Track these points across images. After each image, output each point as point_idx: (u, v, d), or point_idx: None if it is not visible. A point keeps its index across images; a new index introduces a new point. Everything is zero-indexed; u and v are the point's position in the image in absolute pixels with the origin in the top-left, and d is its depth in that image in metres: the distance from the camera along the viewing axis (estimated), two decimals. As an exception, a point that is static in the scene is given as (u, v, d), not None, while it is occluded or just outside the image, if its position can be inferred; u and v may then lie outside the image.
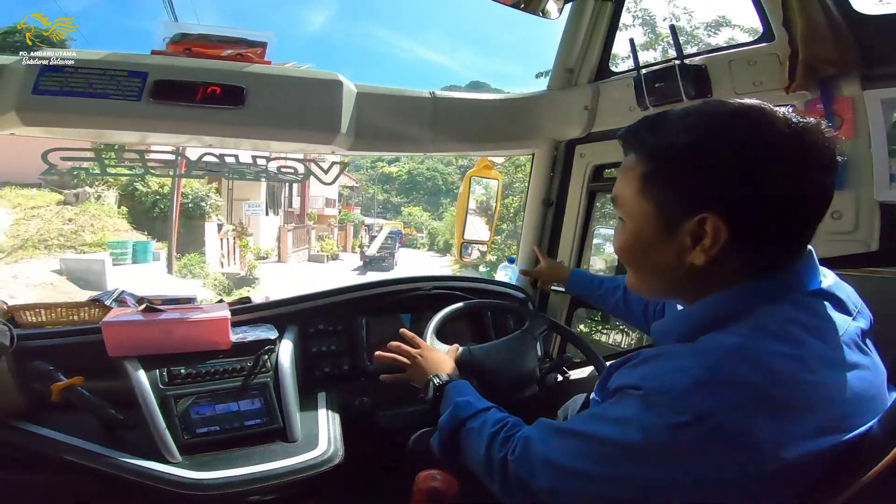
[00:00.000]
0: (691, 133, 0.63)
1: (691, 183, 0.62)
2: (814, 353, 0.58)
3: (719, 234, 0.61)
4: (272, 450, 1.26)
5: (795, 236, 0.64)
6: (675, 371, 0.59)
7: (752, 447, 0.53)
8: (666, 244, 0.66)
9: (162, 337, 1.30)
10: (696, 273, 0.65)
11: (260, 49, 1.47)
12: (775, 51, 1.40)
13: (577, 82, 1.80)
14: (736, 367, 0.56)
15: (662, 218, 0.65)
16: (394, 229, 27.26)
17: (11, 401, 1.14)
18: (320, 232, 25.71)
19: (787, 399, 0.55)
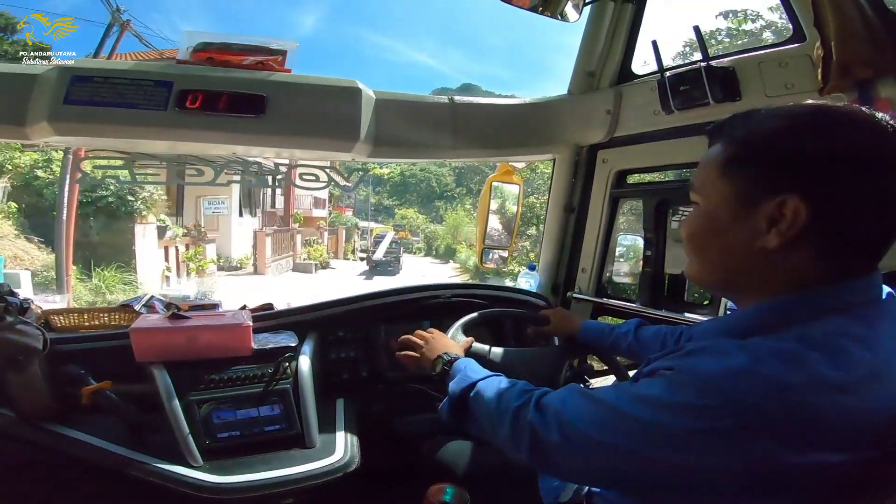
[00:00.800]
0: (785, 120, 0.63)
1: (777, 164, 0.61)
2: (861, 366, 0.56)
3: (798, 217, 0.59)
4: (290, 455, 1.28)
5: (873, 243, 0.62)
6: (712, 358, 0.59)
7: (772, 445, 0.53)
8: (740, 225, 0.64)
9: (187, 343, 1.34)
10: (764, 262, 0.64)
11: (280, 57, 1.49)
12: (807, 52, 1.34)
13: (599, 86, 1.77)
14: (777, 367, 0.55)
15: (741, 198, 0.64)
16: (389, 234, 26.67)
17: (43, 403, 1.20)
18: (308, 236, 22.86)
19: (823, 407, 0.54)
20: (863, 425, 0.55)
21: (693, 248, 0.73)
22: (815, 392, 0.54)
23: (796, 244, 0.61)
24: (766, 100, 1.42)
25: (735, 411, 0.54)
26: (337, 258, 25.56)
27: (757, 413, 0.54)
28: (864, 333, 0.59)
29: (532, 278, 2.03)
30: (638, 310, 1.79)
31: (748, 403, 0.54)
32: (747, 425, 0.54)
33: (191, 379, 1.31)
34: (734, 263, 0.68)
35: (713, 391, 0.56)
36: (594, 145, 1.84)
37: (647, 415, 0.59)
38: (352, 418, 1.47)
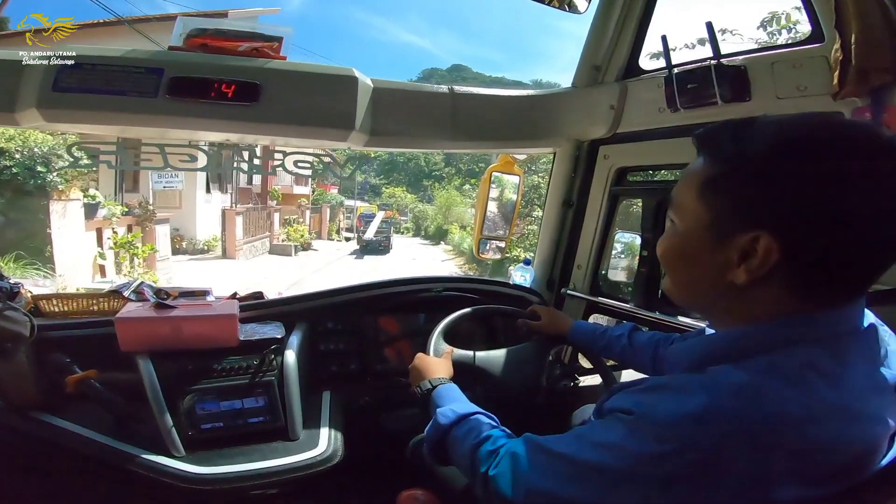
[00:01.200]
0: (769, 142, 0.57)
1: (754, 196, 0.57)
2: (824, 402, 0.54)
3: (769, 257, 0.56)
4: (273, 448, 1.30)
5: (854, 282, 0.59)
6: (671, 401, 0.57)
7: (735, 484, 0.52)
8: (711, 255, 0.61)
9: (172, 334, 1.34)
10: (733, 293, 0.61)
11: (276, 44, 1.46)
12: (823, 54, 1.28)
13: (604, 80, 1.71)
14: (735, 404, 0.54)
15: (715, 227, 0.61)
16: (379, 213, 26.30)
17: (29, 391, 1.21)
18: (288, 215, 20.99)
19: (781, 442, 0.52)
20: (822, 461, 0.54)
21: (666, 266, 0.71)
22: (773, 428, 0.53)
23: (766, 281, 0.58)
24: (777, 102, 1.37)
25: (694, 458, 0.53)
26: (321, 238, 23.89)
27: (715, 457, 0.53)
28: (832, 369, 0.57)
29: (527, 273, 2.00)
30: (631, 310, 1.77)
31: (706, 449, 0.53)
32: (708, 470, 0.53)
33: (176, 370, 1.31)
34: (703, 290, 0.66)
35: (671, 437, 0.54)
36: (596, 140, 1.79)
37: (609, 461, 0.59)
38: (338, 412, 1.48)
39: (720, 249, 0.60)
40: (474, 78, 74.26)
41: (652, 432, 0.56)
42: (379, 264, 17.53)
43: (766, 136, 0.58)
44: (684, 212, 0.65)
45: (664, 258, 0.71)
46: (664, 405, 0.57)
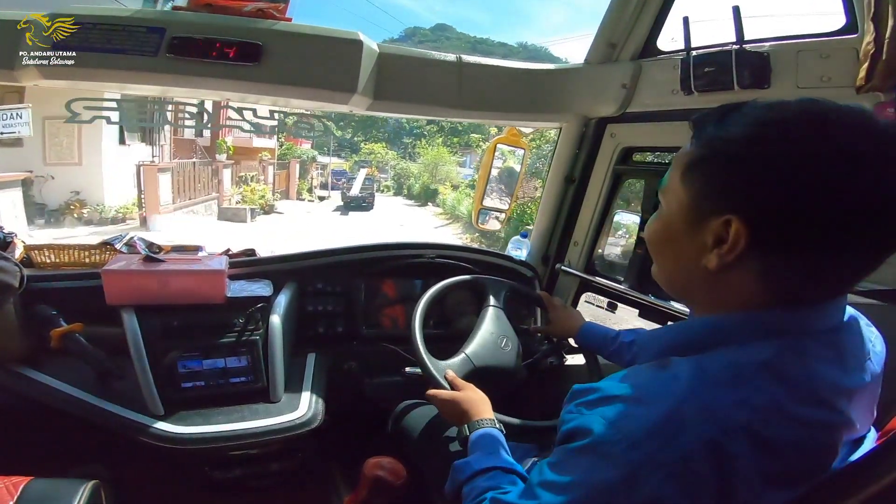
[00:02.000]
0: (751, 127, 0.56)
1: (728, 179, 0.57)
2: (777, 406, 0.54)
3: (738, 242, 0.56)
4: (253, 409, 1.32)
5: (826, 280, 0.57)
6: (628, 416, 0.56)
7: (713, 492, 0.52)
8: (690, 239, 0.61)
9: (158, 288, 1.35)
10: (708, 280, 0.61)
11: (282, 5, 1.41)
12: (854, 45, 1.21)
13: (619, 58, 1.63)
14: (690, 411, 0.53)
15: (693, 210, 0.60)
16: (362, 171, 26.11)
17: (14, 345, 1.23)
18: (246, 171, 17.76)
19: (739, 449, 0.52)
20: (778, 464, 0.54)
21: (651, 250, 0.71)
22: (730, 437, 0.52)
23: (737, 268, 0.58)
24: (797, 91, 1.30)
25: (666, 474, 0.52)
26: (288, 198, 21.13)
27: (684, 468, 0.52)
28: (790, 369, 0.56)
29: (523, 245, 1.98)
30: (624, 292, 1.75)
31: (673, 462, 0.52)
32: (684, 483, 0.52)
33: (160, 325, 1.32)
34: (684, 275, 0.65)
35: (637, 459, 0.53)
36: (604, 118, 1.73)
37: (580, 500, 0.57)
38: (321, 374, 1.49)
39: (697, 233, 0.60)
40: (458, 38, 72.21)
41: (615, 457, 0.54)
42: (364, 230, 15.80)
43: (747, 119, 0.57)
44: (669, 195, 0.65)
45: (650, 242, 0.70)
46: (622, 422, 0.56)
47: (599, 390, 0.61)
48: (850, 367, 0.60)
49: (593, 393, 0.61)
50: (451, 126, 32.62)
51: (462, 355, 1.28)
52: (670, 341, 0.67)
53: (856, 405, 0.59)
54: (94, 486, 1.03)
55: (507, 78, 1.67)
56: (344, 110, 1.65)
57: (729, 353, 0.58)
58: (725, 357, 0.57)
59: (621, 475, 0.53)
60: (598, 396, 0.60)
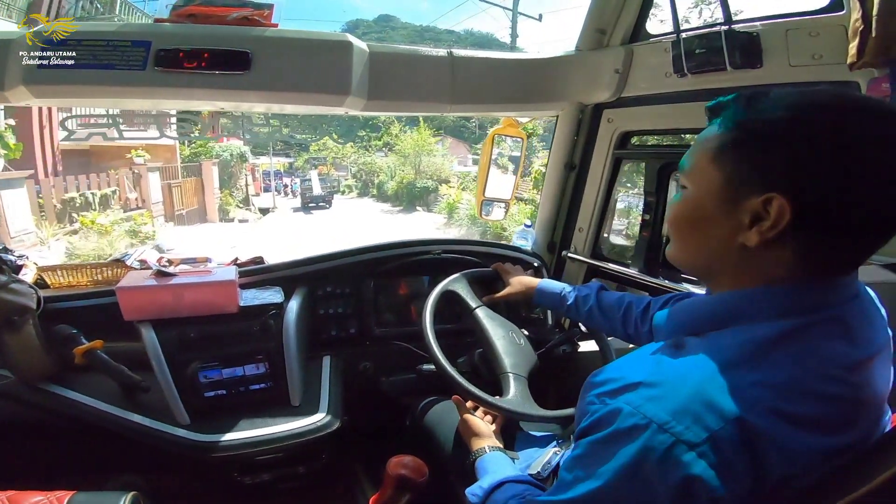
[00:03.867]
0: (788, 110, 0.58)
1: (769, 159, 0.58)
2: (795, 381, 0.56)
3: (781, 218, 0.58)
4: (274, 414, 1.35)
5: (864, 243, 0.60)
6: (652, 400, 0.57)
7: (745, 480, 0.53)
8: (723, 219, 0.63)
9: (174, 301, 1.38)
10: (742, 256, 0.63)
11: (267, 11, 1.41)
12: (842, 22, 1.22)
13: (609, 43, 1.64)
14: (720, 393, 0.55)
15: (728, 190, 0.62)
16: (313, 172, 25.32)
17: (39, 364, 1.26)
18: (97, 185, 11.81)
19: (765, 426, 0.54)
20: (799, 433, 0.55)
21: (676, 231, 0.72)
22: (755, 414, 0.53)
23: (777, 243, 0.60)
24: (789, 69, 1.32)
25: (699, 453, 0.53)
26: (206, 220, 15.45)
27: (718, 449, 0.53)
28: (804, 349, 0.58)
29: (528, 235, 2.00)
30: (633, 275, 1.77)
31: (702, 442, 0.53)
32: (717, 462, 0.53)
33: (178, 338, 1.35)
34: (713, 254, 0.67)
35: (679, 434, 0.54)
36: (600, 104, 1.74)
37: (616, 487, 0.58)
38: (338, 376, 1.53)
39: (732, 212, 0.62)
40: (403, 28, 70.72)
41: (644, 441, 0.55)
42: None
43: (785, 103, 0.59)
44: (697, 177, 0.66)
45: (675, 224, 0.71)
46: (647, 406, 0.56)
47: (620, 378, 0.62)
48: (857, 339, 0.62)
49: (614, 382, 0.62)
50: (411, 117, 28.30)
51: (509, 378, 1.25)
52: (686, 319, 0.69)
53: (870, 375, 0.61)
54: (133, 497, 1.06)
55: (499, 70, 1.67)
56: (339, 112, 1.66)
57: (741, 332, 0.60)
58: (739, 336, 0.60)
59: (653, 459, 0.54)
60: (620, 385, 0.61)
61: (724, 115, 0.64)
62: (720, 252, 0.65)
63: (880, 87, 1.19)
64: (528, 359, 1.33)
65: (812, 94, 0.59)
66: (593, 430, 0.61)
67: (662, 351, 0.64)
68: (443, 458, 1.29)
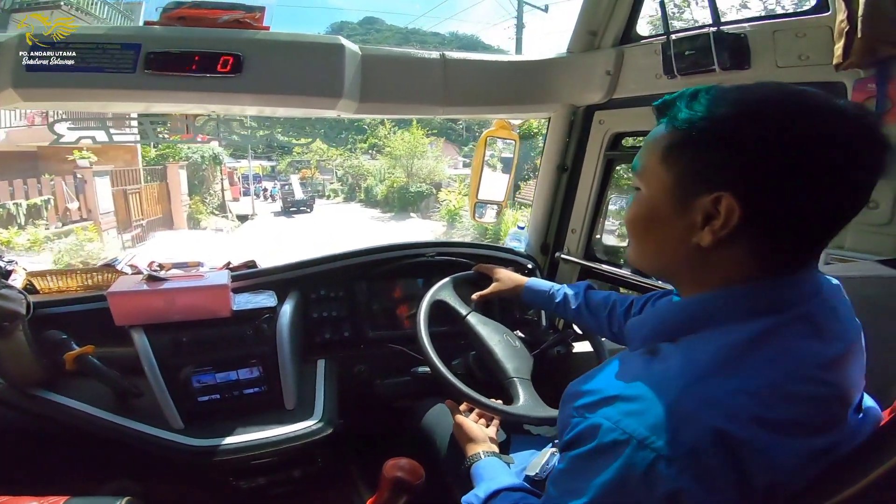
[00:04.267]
0: (734, 107, 0.58)
1: (715, 157, 0.58)
2: (773, 387, 0.56)
3: (732, 216, 0.57)
4: (269, 418, 1.34)
5: (815, 238, 0.60)
6: (630, 415, 0.56)
7: (735, 477, 0.53)
8: (676, 219, 0.62)
9: (165, 306, 1.37)
10: (699, 256, 0.62)
11: (258, 14, 1.41)
12: (828, 24, 1.24)
13: (600, 45, 1.65)
14: (698, 404, 0.54)
15: (679, 190, 0.61)
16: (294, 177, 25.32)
17: (30, 369, 1.24)
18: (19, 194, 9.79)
19: (746, 435, 0.53)
20: (784, 437, 0.55)
21: (632, 233, 0.71)
22: (735, 423, 0.53)
23: (730, 242, 0.59)
24: (777, 70, 1.34)
25: (681, 467, 0.52)
26: (169, 227, 14.15)
27: (700, 462, 0.53)
28: (776, 353, 0.58)
29: (521, 237, 2.01)
30: (626, 276, 1.79)
31: (684, 456, 0.53)
32: (701, 475, 0.53)
33: (171, 342, 1.34)
34: (670, 256, 0.66)
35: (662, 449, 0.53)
36: (591, 106, 1.76)
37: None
38: (332, 380, 1.52)
39: (684, 212, 0.61)
40: (388, 30, 70.62)
41: (627, 457, 0.54)
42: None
43: (731, 99, 0.58)
44: (648, 177, 0.66)
45: (631, 225, 0.70)
46: (625, 421, 0.56)
47: (598, 391, 0.61)
48: (827, 336, 0.61)
49: (592, 395, 0.61)
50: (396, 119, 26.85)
51: (516, 384, 1.25)
52: (658, 326, 0.68)
53: (844, 371, 0.61)
54: (128, 503, 1.05)
55: (491, 72, 1.68)
56: (332, 115, 1.66)
57: (715, 337, 0.59)
58: (712, 341, 0.59)
59: (636, 474, 0.53)
60: (597, 398, 0.60)
61: (670, 113, 0.63)
62: (677, 253, 0.65)
63: (866, 88, 1.22)
64: (527, 361, 1.33)
65: (758, 91, 0.59)
66: (576, 445, 0.60)
67: (638, 361, 0.64)
68: (440, 461, 1.28)
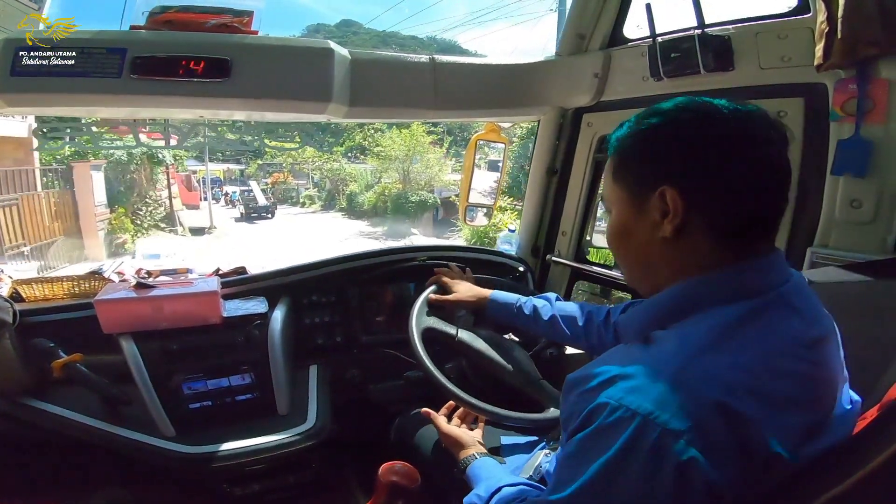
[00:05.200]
0: (657, 116, 0.69)
1: (648, 162, 0.70)
2: (762, 362, 0.59)
3: (677, 204, 0.66)
4: (262, 424, 1.33)
5: (757, 216, 0.67)
6: (633, 392, 0.58)
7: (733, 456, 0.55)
8: (640, 222, 0.71)
9: (154, 313, 1.34)
10: (669, 248, 0.69)
11: (246, 18, 1.40)
12: (808, 25, 1.27)
13: (588, 48, 1.68)
14: (697, 380, 0.57)
15: (633, 198, 0.71)
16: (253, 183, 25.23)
17: (17, 377, 1.22)
18: None
19: (745, 407, 0.55)
20: (775, 409, 0.58)
21: (616, 251, 0.80)
22: (734, 396, 0.56)
23: (688, 229, 0.67)
24: (760, 72, 1.37)
25: (687, 440, 0.54)
26: (85, 259, 10.84)
27: (704, 434, 0.54)
28: (761, 330, 0.62)
29: (512, 241, 2.02)
30: (616, 277, 1.80)
31: (688, 429, 0.54)
32: (706, 446, 0.54)
33: (160, 349, 1.32)
34: (646, 256, 0.73)
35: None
36: (580, 108, 1.78)
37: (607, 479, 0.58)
38: (325, 385, 1.51)
39: (643, 215, 0.70)
40: (366, 33, 70.61)
41: (632, 432, 0.56)
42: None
43: (652, 112, 0.70)
44: (611, 198, 0.76)
45: (611, 244, 0.79)
46: (629, 399, 0.57)
47: (598, 374, 0.63)
48: (807, 318, 0.66)
49: (592, 379, 0.64)
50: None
51: (544, 385, 1.26)
52: (647, 317, 0.72)
53: (824, 354, 0.66)
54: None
55: (481, 75, 1.70)
56: (322, 120, 1.65)
57: (705, 319, 0.64)
58: (703, 322, 0.64)
59: (644, 449, 0.55)
60: (599, 381, 0.62)
61: (609, 145, 0.76)
62: (650, 251, 0.72)
63: (847, 88, 1.24)
64: (530, 360, 1.34)
65: (675, 102, 0.70)
66: (582, 428, 0.62)
67: (633, 348, 0.69)
68: (435, 465, 1.27)
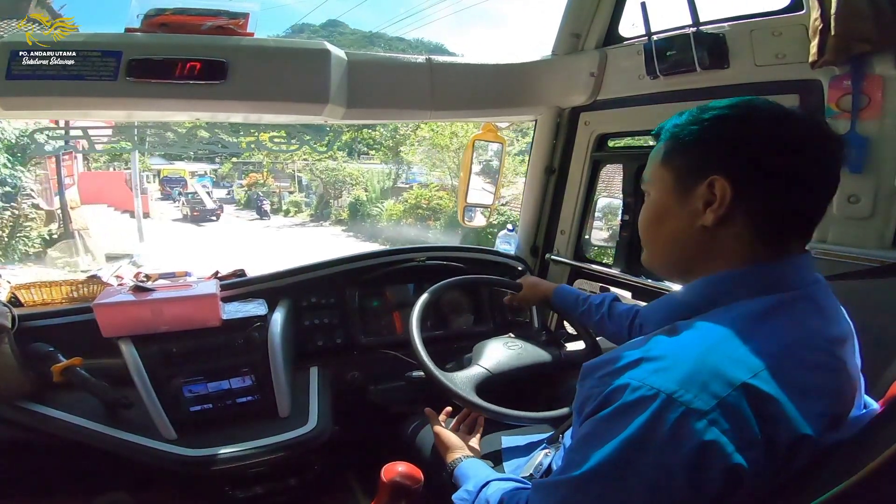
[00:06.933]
0: (706, 112, 0.71)
1: (702, 151, 0.70)
2: (788, 350, 0.60)
3: (725, 195, 0.67)
4: (263, 426, 1.32)
5: (798, 218, 0.69)
6: (657, 373, 0.58)
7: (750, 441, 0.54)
8: (681, 209, 0.72)
9: (153, 317, 1.34)
10: (706, 237, 0.71)
11: (242, 20, 1.40)
12: (802, 22, 1.27)
13: (584, 47, 1.69)
14: (723, 362, 0.57)
15: (679, 185, 0.72)
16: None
17: (16, 382, 1.21)
18: None
19: (771, 390, 0.56)
20: (806, 398, 0.57)
21: (646, 236, 0.80)
22: (760, 379, 0.56)
23: (730, 220, 0.68)
24: (755, 69, 1.37)
25: (710, 420, 0.54)
26: None
27: (728, 414, 0.54)
28: (790, 321, 0.64)
29: (511, 239, 2.02)
30: (615, 275, 1.80)
31: (712, 409, 0.54)
32: (729, 428, 0.54)
33: (160, 353, 1.32)
34: (681, 245, 0.75)
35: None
36: (576, 107, 1.79)
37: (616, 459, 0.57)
38: (325, 387, 1.50)
39: (687, 202, 0.72)
40: (352, 34, 70.27)
41: (655, 411, 0.55)
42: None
43: (714, 108, 0.71)
44: (655, 182, 0.77)
45: (644, 228, 0.80)
46: (653, 378, 0.57)
47: (621, 357, 0.63)
48: (830, 317, 0.68)
49: (615, 362, 0.63)
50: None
51: (475, 366, 1.29)
52: (672, 308, 0.75)
53: (846, 353, 0.67)
54: None
55: (478, 76, 1.70)
56: (319, 122, 1.65)
57: (729, 311, 0.65)
58: (727, 313, 0.64)
59: (664, 428, 0.54)
60: (623, 363, 0.62)
61: (664, 131, 0.77)
62: (686, 238, 0.73)
63: (842, 85, 1.25)
64: (513, 359, 1.35)
65: (742, 98, 0.72)
66: (600, 409, 0.61)
67: (656, 334, 0.66)
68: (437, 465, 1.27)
